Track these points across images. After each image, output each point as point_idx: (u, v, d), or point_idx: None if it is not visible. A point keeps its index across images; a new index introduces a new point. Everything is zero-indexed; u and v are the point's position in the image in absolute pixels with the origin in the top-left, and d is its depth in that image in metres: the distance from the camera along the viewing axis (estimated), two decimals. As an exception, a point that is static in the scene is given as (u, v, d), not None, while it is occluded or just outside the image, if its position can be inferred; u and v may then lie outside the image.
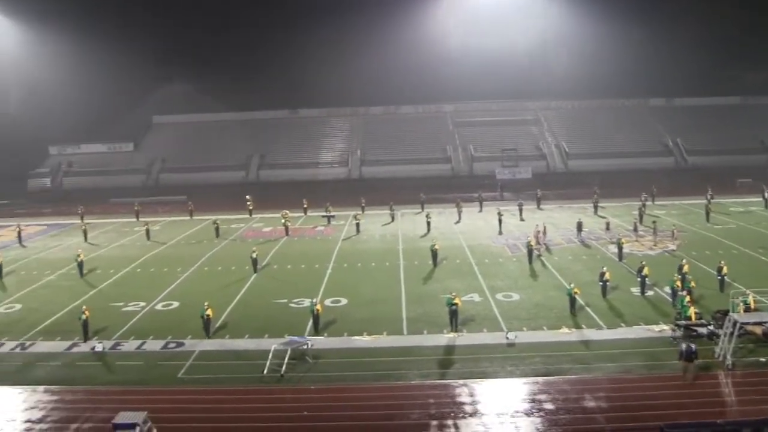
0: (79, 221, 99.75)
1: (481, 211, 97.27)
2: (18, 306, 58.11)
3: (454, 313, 46.45)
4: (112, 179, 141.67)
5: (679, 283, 51.14)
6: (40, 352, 46.05)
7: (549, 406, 35.46)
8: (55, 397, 38.84)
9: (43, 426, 35.45)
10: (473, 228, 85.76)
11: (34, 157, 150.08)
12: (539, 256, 67.39)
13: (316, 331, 46.66)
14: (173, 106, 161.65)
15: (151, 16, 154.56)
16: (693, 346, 38.37)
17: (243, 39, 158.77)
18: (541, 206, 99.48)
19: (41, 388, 40.09)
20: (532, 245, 66.43)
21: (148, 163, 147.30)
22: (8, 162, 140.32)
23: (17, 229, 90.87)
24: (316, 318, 47.23)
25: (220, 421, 35.30)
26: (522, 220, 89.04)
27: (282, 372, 40.01)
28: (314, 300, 49.62)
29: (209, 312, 47.16)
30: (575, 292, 49.12)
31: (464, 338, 45.12)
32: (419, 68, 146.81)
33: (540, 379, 38.54)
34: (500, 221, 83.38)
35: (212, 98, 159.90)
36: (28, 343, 48.05)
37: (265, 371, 40.24)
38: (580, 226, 78.11)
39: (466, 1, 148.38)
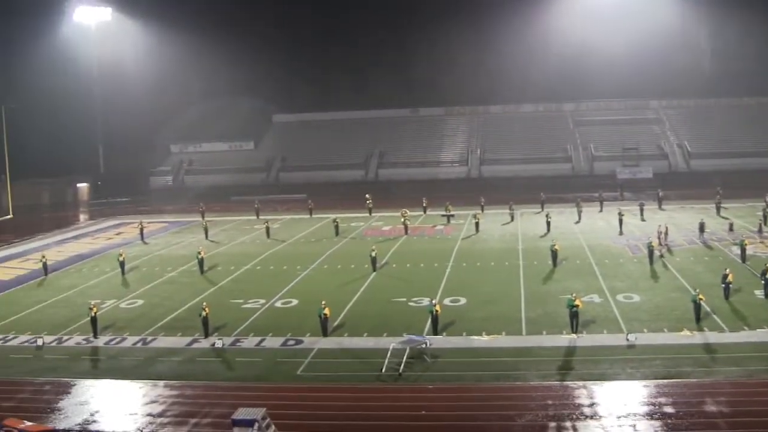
0: (200, 219, 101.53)
1: (601, 211, 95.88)
2: (140, 302, 59.44)
3: (574, 315, 45.76)
4: (232, 177, 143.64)
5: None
6: (161, 348, 47.02)
7: (669, 409, 34.70)
8: (175, 392, 39.54)
9: (163, 420, 36.06)
10: (593, 228, 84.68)
11: (156, 155, 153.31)
12: (661, 257, 66.08)
13: (435, 332, 46.45)
14: (293, 105, 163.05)
15: (272, 16, 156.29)
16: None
17: (363, 38, 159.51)
18: (663, 206, 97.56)
19: (161, 382, 40.84)
20: (653, 246, 65.24)
21: (268, 161, 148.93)
22: (131, 160, 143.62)
23: (140, 226, 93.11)
24: (435, 319, 46.96)
25: (337, 419, 35.41)
26: (643, 220, 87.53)
27: (400, 371, 39.98)
28: (433, 300, 49.42)
29: (327, 311, 47.34)
30: (700, 299, 47.48)
31: (584, 339, 44.51)
32: (539, 66, 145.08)
33: (660, 381, 37.71)
34: (621, 221, 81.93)
35: (332, 97, 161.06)
36: (149, 338, 49.13)
37: (383, 370, 40.28)
38: (702, 227, 76.28)
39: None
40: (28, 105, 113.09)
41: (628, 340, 43.61)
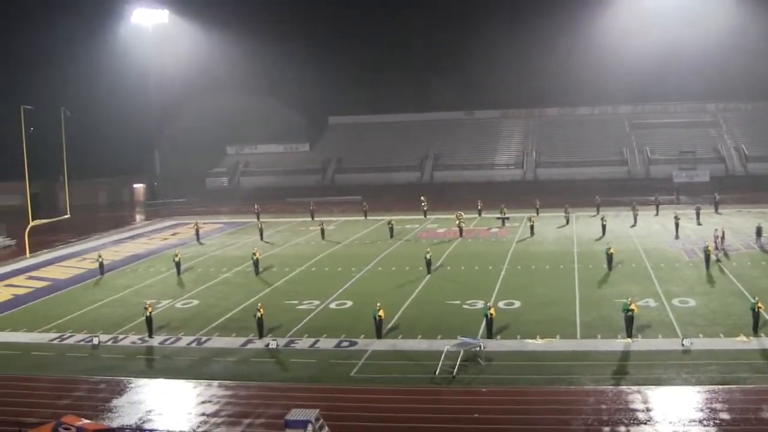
0: (255, 220, 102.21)
1: (657, 214, 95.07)
2: (195, 302, 59.84)
3: (629, 319, 45.31)
4: (287, 179, 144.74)
5: None
6: (215, 348, 47.24)
7: (725, 416, 34.26)
8: (229, 392, 39.68)
9: (217, 420, 36.23)
10: (649, 232, 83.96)
11: (212, 156, 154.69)
12: (717, 261, 65.40)
13: (490, 335, 46.21)
14: (348, 107, 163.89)
15: (328, 17, 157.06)
16: None
17: (418, 40, 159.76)
18: (719, 210, 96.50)
19: (216, 382, 40.99)
20: (709, 250, 64.51)
21: (324, 163, 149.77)
22: (187, 161, 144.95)
23: (195, 226, 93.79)
24: (489, 322, 46.67)
25: (391, 421, 35.39)
26: (699, 224, 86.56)
27: (454, 373, 39.88)
28: (488, 304, 49.23)
29: (381, 313, 47.28)
30: (759, 308, 46.62)
31: (639, 344, 44.05)
32: (595, 69, 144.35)
33: (716, 387, 37.21)
34: (677, 225, 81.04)
35: (388, 99, 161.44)
36: (204, 338, 49.38)
37: (437, 372, 40.17)
38: (759, 231, 75.14)
39: (643, 0, 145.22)
40: (87, 106, 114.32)
41: (683, 345, 43.16)
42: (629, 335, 45.00)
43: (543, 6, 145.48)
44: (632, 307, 45.38)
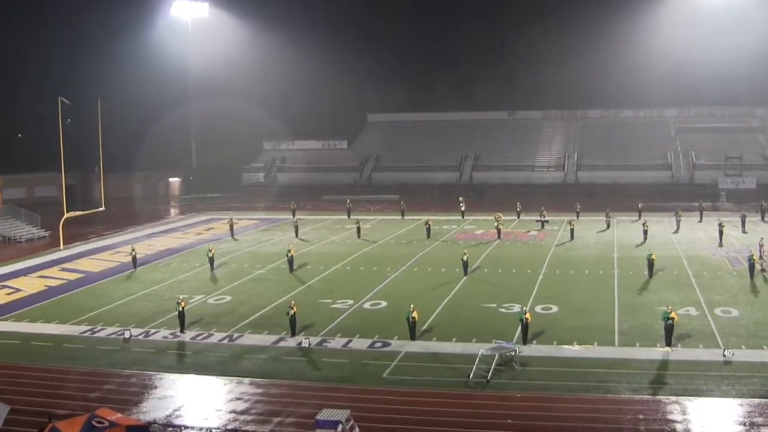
0: (291, 217, 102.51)
1: (701, 221, 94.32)
2: (228, 298, 60.18)
3: (669, 328, 44.96)
4: (324, 176, 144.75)
5: None
6: (247, 345, 47.55)
7: (766, 430, 34.01)
8: (259, 390, 39.92)
9: (247, 417, 36.43)
10: (692, 239, 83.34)
11: (248, 152, 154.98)
12: (762, 270, 64.81)
13: (525, 340, 45.99)
14: (388, 104, 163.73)
15: (370, 14, 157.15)
16: None
17: (460, 39, 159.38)
18: (766, 218, 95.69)
19: (247, 380, 41.27)
20: (754, 259, 63.96)
21: (361, 160, 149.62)
22: (223, 156, 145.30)
23: (230, 222, 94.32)
24: (525, 327, 46.45)
25: (423, 424, 35.41)
26: (744, 232, 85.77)
27: (488, 378, 39.84)
28: (524, 308, 49.03)
29: (415, 314, 47.24)
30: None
31: (678, 353, 43.77)
32: (640, 71, 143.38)
33: (757, 401, 36.89)
34: (721, 233, 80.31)
35: (428, 98, 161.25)
36: (236, 335, 49.69)
37: (471, 376, 40.15)
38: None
39: (690, 1, 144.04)
40: (124, 98, 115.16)
41: (724, 356, 42.81)
42: (669, 344, 44.71)
43: (590, 6, 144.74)
44: (672, 315, 45.06)
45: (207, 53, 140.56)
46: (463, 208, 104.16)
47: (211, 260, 71.36)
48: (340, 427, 31.18)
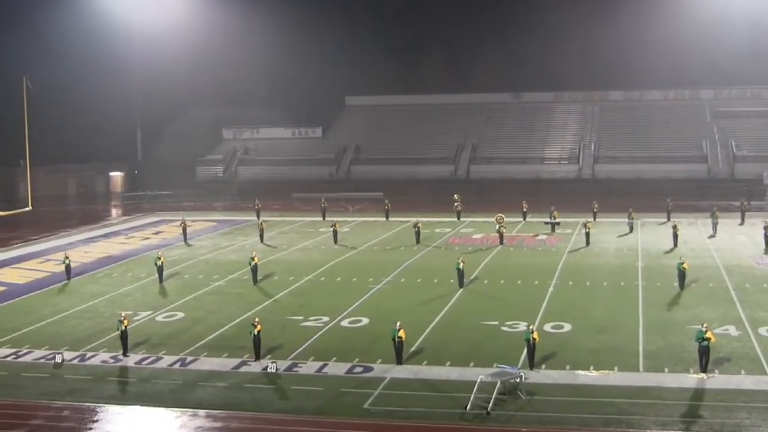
0: (255, 218, 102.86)
1: (742, 223, 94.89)
2: (180, 314, 60.05)
3: (705, 350, 44.98)
4: (295, 170, 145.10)
5: None
6: (202, 370, 47.35)
7: (820, 471, 34.19)
8: (218, 424, 39.84)
9: (203, 457, 36.46)
10: (732, 244, 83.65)
11: (204, 142, 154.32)
12: (814, 283, 65.25)
13: (532, 365, 46.05)
14: (370, 85, 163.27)
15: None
16: None
17: (457, 9, 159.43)
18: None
19: (203, 412, 41.13)
20: (805, 269, 64.30)
21: (339, 152, 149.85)
22: (176, 147, 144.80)
23: (182, 224, 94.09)
24: (531, 348, 46.41)
25: (411, 464, 35.52)
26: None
27: (488, 409, 39.83)
28: (531, 327, 49.00)
29: (402, 333, 47.10)
30: None
31: (716, 380, 43.81)
32: (670, 45, 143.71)
33: (811, 437, 37.18)
34: (766, 237, 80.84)
35: (417, 77, 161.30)
36: (189, 358, 49.52)
37: (468, 407, 40.13)
38: None
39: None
40: (53, 80, 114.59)
41: (771, 383, 43.03)
42: (704, 370, 44.75)
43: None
44: (708, 335, 45.06)
45: (154, 23, 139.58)
46: (458, 209, 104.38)
47: (160, 270, 71.13)
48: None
